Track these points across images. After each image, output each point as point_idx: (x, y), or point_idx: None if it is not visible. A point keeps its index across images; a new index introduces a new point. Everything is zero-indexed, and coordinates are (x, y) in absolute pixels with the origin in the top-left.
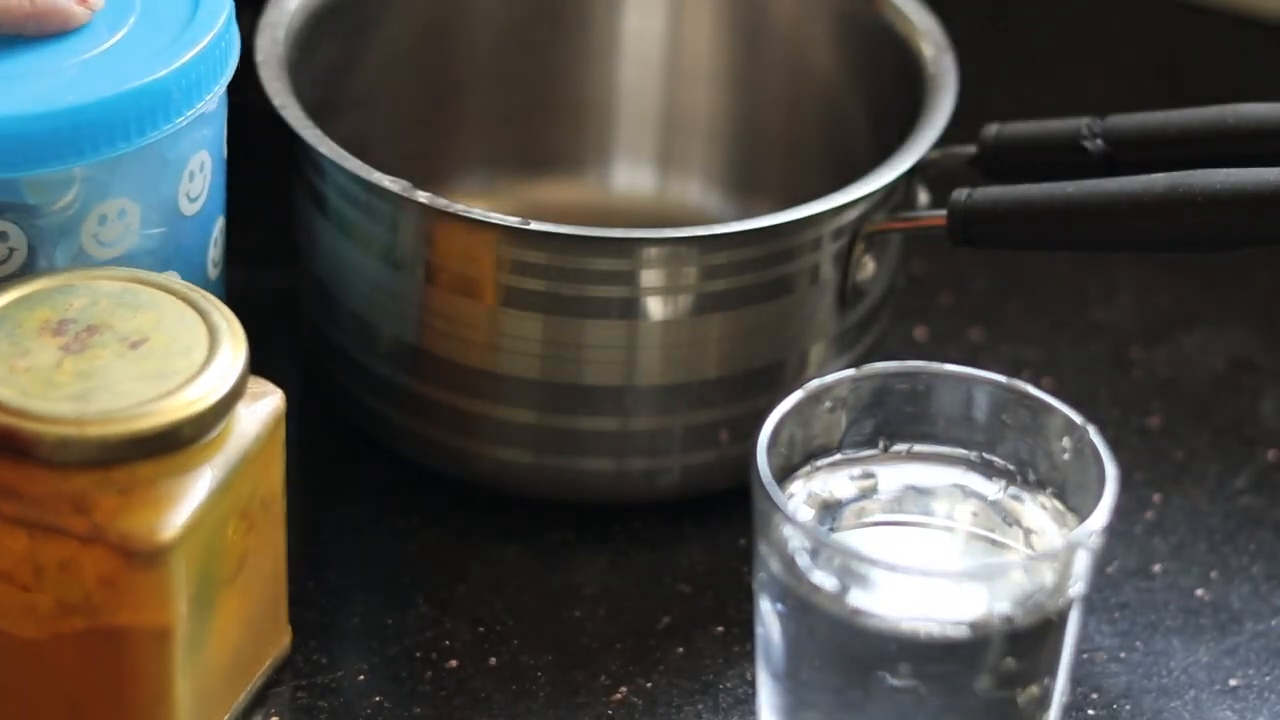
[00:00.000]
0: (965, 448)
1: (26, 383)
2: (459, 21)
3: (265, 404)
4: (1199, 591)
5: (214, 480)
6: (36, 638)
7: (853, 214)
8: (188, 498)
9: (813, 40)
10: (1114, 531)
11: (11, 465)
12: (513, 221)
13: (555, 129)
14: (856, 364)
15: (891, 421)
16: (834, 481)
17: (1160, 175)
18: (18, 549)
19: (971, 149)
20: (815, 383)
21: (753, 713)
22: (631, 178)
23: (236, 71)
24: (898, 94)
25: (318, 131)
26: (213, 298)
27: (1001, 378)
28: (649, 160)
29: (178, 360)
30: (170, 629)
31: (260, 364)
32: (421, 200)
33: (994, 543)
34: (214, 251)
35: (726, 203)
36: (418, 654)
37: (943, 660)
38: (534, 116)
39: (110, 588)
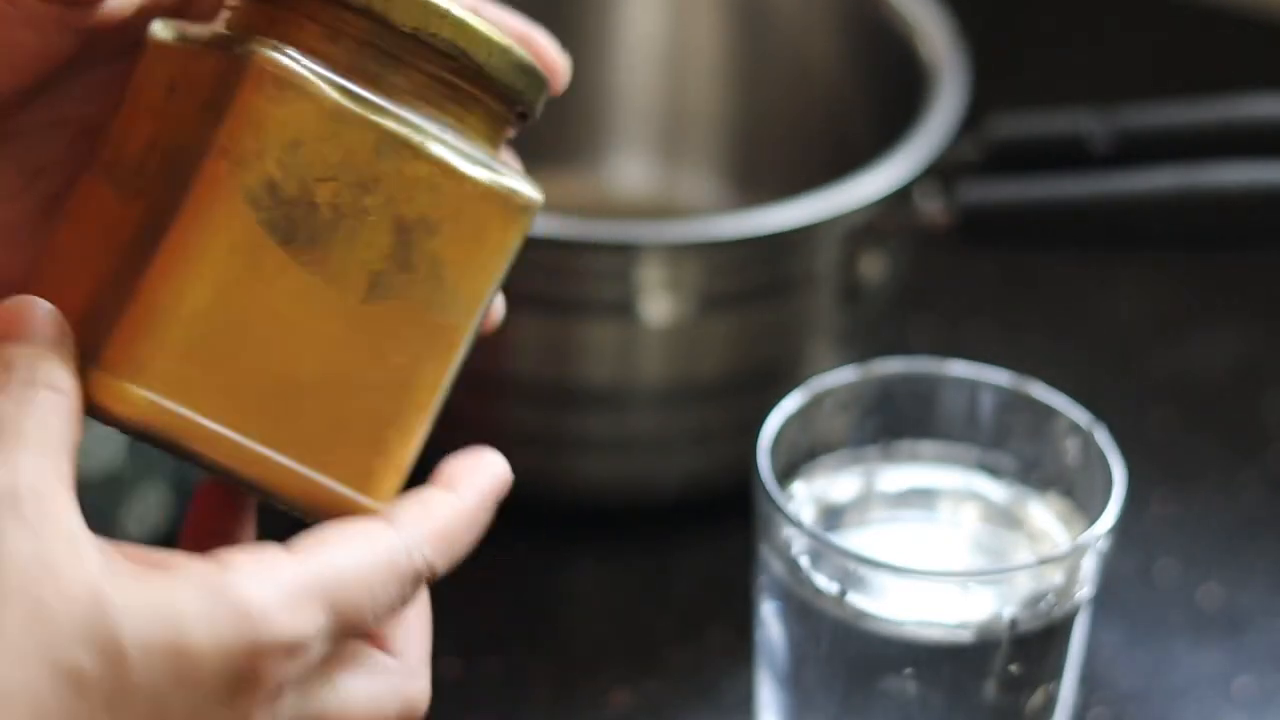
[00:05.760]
0: (969, 448)
1: None
2: None
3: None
4: (1205, 592)
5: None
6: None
7: (855, 216)
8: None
9: (816, 36)
10: (1119, 532)
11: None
12: None
13: (556, 123)
14: (859, 364)
15: (895, 422)
16: (836, 483)
17: (1168, 173)
18: None
19: (974, 144)
20: (818, 383)
21: (754, 716)
22: (634, 172)
23: None
24: (901, 90)
25: None
26: None
27: (1006, 378)
28: (652, 154)
29: None
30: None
31: None
32: None
33: (999, 545)
34: None
35: (729, 197)
36: None
37: (947, 664)
38: None
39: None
